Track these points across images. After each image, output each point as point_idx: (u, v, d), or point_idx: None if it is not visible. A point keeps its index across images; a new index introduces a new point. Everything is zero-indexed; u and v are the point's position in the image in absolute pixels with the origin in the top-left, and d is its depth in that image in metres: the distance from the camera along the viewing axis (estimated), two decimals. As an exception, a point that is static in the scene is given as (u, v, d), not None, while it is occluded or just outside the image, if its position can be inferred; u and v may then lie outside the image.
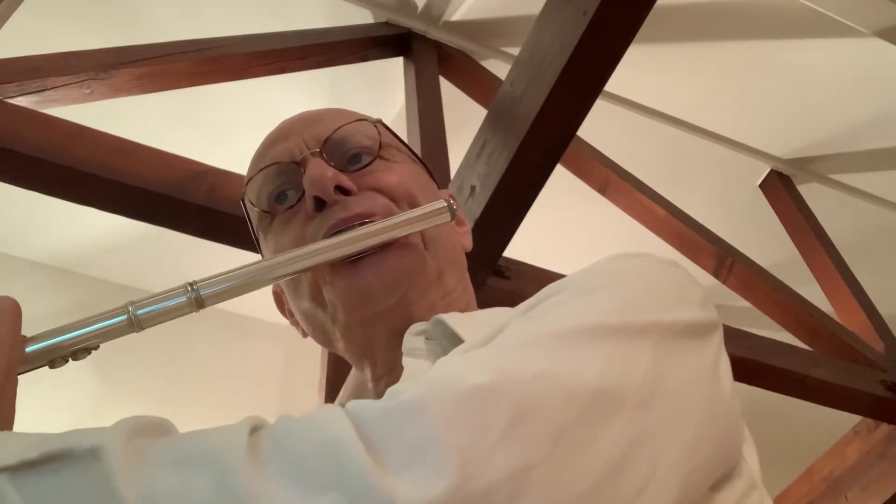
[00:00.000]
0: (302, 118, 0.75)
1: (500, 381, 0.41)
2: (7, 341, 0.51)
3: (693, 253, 2.11)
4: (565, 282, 0.53)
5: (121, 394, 2.66)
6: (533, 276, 1.64)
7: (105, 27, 2.09)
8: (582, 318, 0.47)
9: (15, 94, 1.46)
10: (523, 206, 1.48)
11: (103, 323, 0.57)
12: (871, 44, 2.11)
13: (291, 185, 0.70)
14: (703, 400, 0.49)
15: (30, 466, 0.39)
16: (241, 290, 0.62)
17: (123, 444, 0.40)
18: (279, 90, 2.16)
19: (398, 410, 0.39)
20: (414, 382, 0.42)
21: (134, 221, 1.46)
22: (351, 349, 0.69)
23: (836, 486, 2.07)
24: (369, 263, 0.64)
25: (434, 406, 0.39)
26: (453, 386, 0.40)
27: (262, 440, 0.40)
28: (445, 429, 0.38)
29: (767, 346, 1.85)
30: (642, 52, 1.84)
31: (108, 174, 1.37)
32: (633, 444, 0.42)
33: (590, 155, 2.09)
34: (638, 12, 1.26)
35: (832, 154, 2.58)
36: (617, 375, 0.44)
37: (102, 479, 0.38)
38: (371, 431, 0.39)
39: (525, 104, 1.38)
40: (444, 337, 0.62)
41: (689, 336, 0.51)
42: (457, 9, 2.17)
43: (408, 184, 0.70)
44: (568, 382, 0.42)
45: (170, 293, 0.59)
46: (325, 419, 0.40)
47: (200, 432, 0.41)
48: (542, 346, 0.45)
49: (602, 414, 0.42)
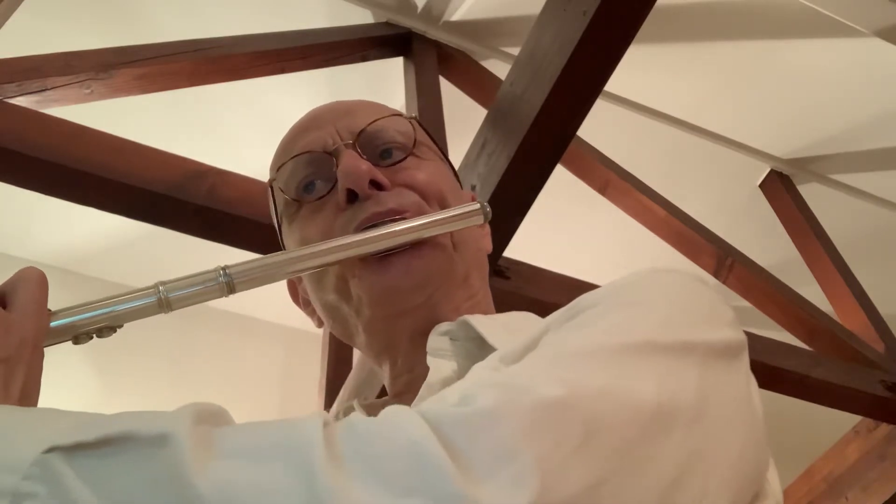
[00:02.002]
0: (334, 108, 0.74)
1: (572, 396, 0.41)
2: (34, 313, 0.51)
3: (693, 253, 2.11)
4: (602, 293, 0.53)
5: (120, 393, 2.67)
6: (533, 276, 1.64)
7: (105, 27, 2.09)
8: (632, 333, 0.48)
9: (15, 94, 1.46)
10: (523, 206, 1.48)
11: (132, 301, 0.57)
12: (871, 44, 2.11)
13: (322, 175, 0.69)
14: (742, 419, 0.49)
15: (86, 448, 0.38)
16: (271, 277, 0.62)
17: (191, 431, 0.38)
18: (279, 90, 2.16)
19: (477, 417, 0.39)
20: (482, 387, 0.41)
21: (134, 221, 1.46)
22: (372, 345, 0.69)
23: (836, 486, 2.07)
24: (400, 260, 0.64)
25: (512, 416, 0.39)
26: (528, 397, 0.40)
27: (339, 437, 0.39)
28: (526, 440, 0.38)
29: (767, 346, 1.85)
30: (642, 52, 1.84)
31: (108, 174, 1.37)
32: (689, 461, 0.43)
33: (590, 155, 2.09)
34: (638, 12, 1.26)
35: (832, 154, 2.58)
36: (671, 393, 0.45)
37: (172, 466, 0.37)
38: (451, 437, 0.38)
39: (525, 104, 1.38)
40: (468, 339, 0.62)
41: (727, 356, 0.51)
42: (457, 9, 2.17)
43: (439, 183, 0.71)
44: (631, 399, 0.43)
45: (201, 275, 0.59)
46: (403, 420, 0.40)
47: (270, 423, 0.41)
48: (598, 360, 0.45)
49: (661, 430, 0.43)
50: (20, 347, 0.49)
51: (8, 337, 0.49)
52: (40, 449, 0.38)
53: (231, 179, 1.47)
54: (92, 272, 2.80)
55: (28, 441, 0.38)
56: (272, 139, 0.77)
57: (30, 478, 0.37)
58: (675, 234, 2.09)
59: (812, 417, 2.26)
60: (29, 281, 0.52)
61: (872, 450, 2.02)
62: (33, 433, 0.39)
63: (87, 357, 2.61)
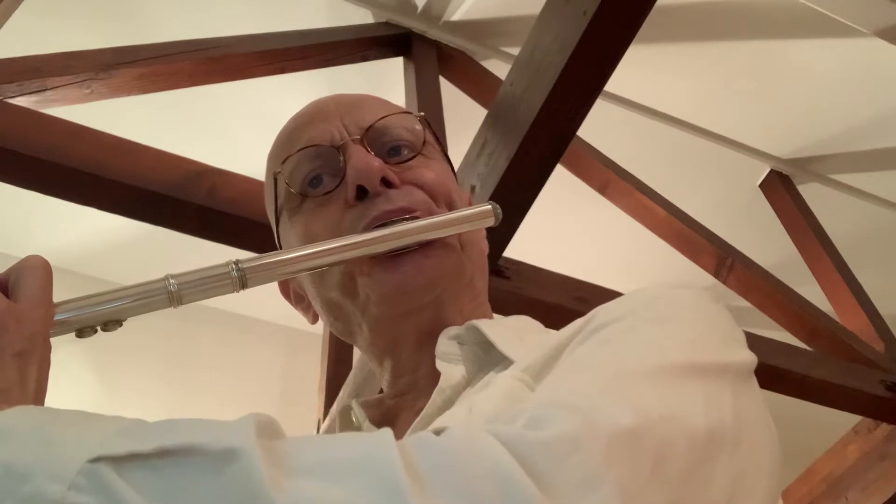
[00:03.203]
0: (340, 100, 0.73)
1: (643, 422, 0.42)
2: (42, 303, 0.49)
3: (693, 253, 2.11)
4: (624, 307, 0.53)
5: (120, 392, 2.66)
6: (533, 276, 1.64)
7: (105, 27, 2.09)
8: (670, 353, 0.48)
9: (15, 94, 1.46)
10: (523, 206, 1.48)
11: (141, 295, 0.54)
12: (871, 44, 2.11)
13: (328, 169, 0.68)
14: (768, 439, 0.50)
15: (141, 459, 0.35)
16: (283, 274, 0.62)
17: (259, 445, 0.36)
18: (279, 90, 2.16)
19: (557, 443, 0.39)
20: (551, 409, 0.41)
21: (134, 221, 1.46)
22: (375, 342, 0.68)
23: (836, 486, 2.07)
24: (413, 259, 0.64)
25: (592, 443, 0.40)
26: (603, 423, 0.41)
27: (415, 454, 0.38)
28: (606, 467, 0.39)
29: (767, 346, 1.85)
30: (642, 52, 1.84)
31: (108, 174, 1.37)
32: (736, 482, 0.44)
33: (590, 155, 2.09)
34: (638, 12, 1.26)
35: (832, 154, 2.58)
36: (716, 415, 0.46)
37: (246, 483, 0.35)
38: (532, 461, 0.38)
39: (525, 104, 1.38)
40: (476, 343, 0.62)
41: (748, 377, 0.52)
42: (457, 9, 2.17)
43: (447, 183, 0.70)
44: (687, 424, 0.44)
45: (212, 269, 0.57)
46: (480, 441, 0.39)
47: (335, 437, 0.40)
48: (656, 383, 0.46)
49: (713, 454, 0.44)
50: (33, 340, 0.47)
51: (21, 329, 0.46)
52: (86, 457, 0.35)
53: (231, 179, 1.47)
54: (92, 272, 2.79)
55: (72, 447, 0.35)
56: (272, 139, 0.77)
57: (76, 488, 0.34)
58: (675, 234, 2.09)
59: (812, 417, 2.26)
60: (35, 269, 0.50)
61: (872, 450, 2.02)
62: (76, 439, 0.36)
63: (86, 354, 2.61)
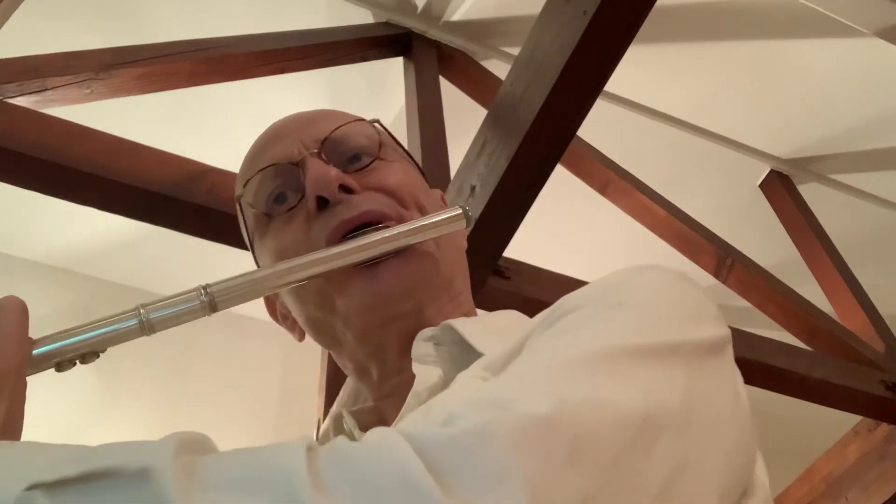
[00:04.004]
0: (297, 118, 0.74)
1: (558, 410, 0.40)
2: (16, 341, 0.51)
3: (693, 253, 2.11)
4: (584, 296, 0.53)
5: (120, 393, 2.66)
6: (533, 276, 1.64)
7: (105, 27, 2.09)
8: (617, 337, 0.47)
9: (15, 94, 1.46)
10: (523, 206, 1.47)
11: (113, 326, 0.56)
12: (871, 44, 2.11)
13: (290, 186, 0.68)
14: (731, 418, 0.49)
15: (68, 484, 0.37)
16: (255, 294, 0.61)
17: (173, 463, 0.38)
18: (279, 90, 2.16)
19: (464, 438, 0.39)
20: (467, 405, 0.41)
21: (134, 221, 1.46)
22: (360, 351, 0.68)
23: (836, 486, 2.07)
24: (390, 267, 0.64)
25: (500, 435, 0.39)
26: (514, 414, 0.40)
27: (323, 464, 0.39)
28: (515, 459, 0.38)
29: (767, 346, 1.85)
30: (642, 52, 1.84)
31: (108, 174, 1.37)
32: (677, 468, 0.43)
33: (590, 155, 2.10)
34: (638, 12, 1.26)
35: (832, 154, 2.59)
36: (658, 399, 0.44)
37: (156, 500, 0.36)
38: (438, 459, 0.38)
39: (525, 104, 1.38)
40: (453, 343, 0.62)
41: (712, 354, 0.51)
42: (457, 9, 2.17)
43: (410, 184, 0.70)
44: (618, 409, 0.42)
45: (182, 296, 0.58)
46: (388, 446, 0.39)
47: (251, 450, 0.40)
48: (583, 369, 0.44)
49: (649, 439, 0.42)
50: (2, 378, 0.48)
51: None
52: (23, 486, 0.37)
53: (231, 179, 1.46)
54: (92, 272, 2.80)
55: (10, 478, 0.38)
56: (272, 139, 0.77)
57: None
58: (675, 233, 2.09)
59: (812, 417, 2.27)
60: (9, 310, 0.52)
61: (872, 450, 2.02)
62: (15, 470, 0.39)
63: (88, 357, 2.61)
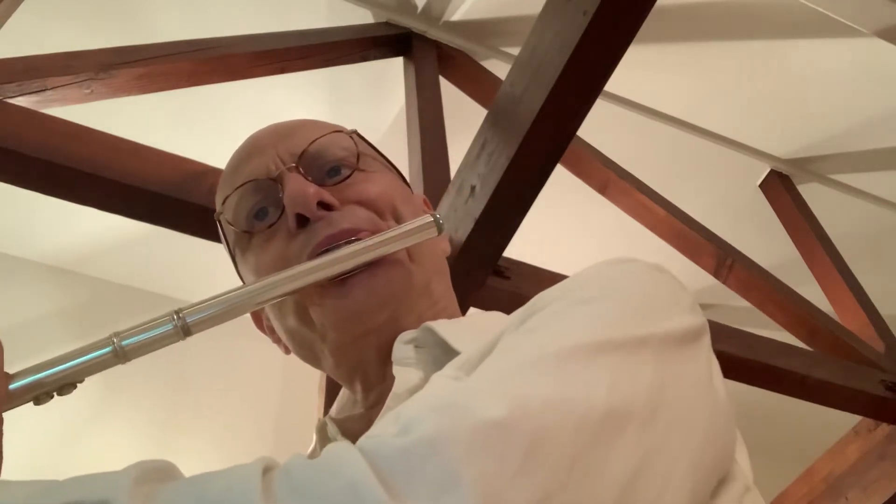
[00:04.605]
0: (274, 131, 0.73)
1: (513, 414, 0.40)
2: None
3: (693, 253, 2.11)
4: (556, 291, 0.53)
5: (120, 394, 2.66)
6: (533, 276, 1.64)
7: (105, 27, 2.09)
8: (583, 333, 0.47)
9: (15, 94, 1.46)
10: (523, 206, 1.47)
11: (88, 356, 0.56)
12: (871, 44, 2.11)
13: (270, 201, 0.68)
14: (703, 408, 0.49)
15: None
16: (228, 315, 0.61)
17: (131, 493, 0.39)
18: (279, 90, 2.16)
19: (415, 447, 0.39)
20: (424, 412, 0.41)
21: (134, 221, 1.46)
22: (340, 365, 0.68)
23: (836, 486, 2.07)
24: (360, 282, 0.63)
25: (451, 442, 0.39)
26: (468, 420, 0.40)
27: (276, 483, 0.40)
28: (465, 466, 0.38)
29: (767, 346, 1.85)
30: (642, 52, 1.84)
31: (108, 174, 1.37)
32: (644, 461, 0.42)
33: (590, 155, 2.09)
34: (638, 12, 1.26)
35: (832, 154, 2.59)
36: (623, 393, 0.44)
37: None
38: (389, 470, 0.38)
39: (525, 104, 1.38)
40: (434, 345, 0.61)
41: (684, 343, 0.51)
42: (457, 9, 2.17)
43: (389, 194, 0.69)
44: (578, 407, 0.42)
45: (155, 322, 0.58)
46: (341, 460, 0.40)
47: (210, 475, 0.41)
48: (546, 368, 0.44)
49: (612, 434, 0.42)
50: None
51: None
52: None
53: (231, 179, 1.47)
54: (92, 272, 2.80)
55: None
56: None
57: None
58: (675, 233, 2.09)
59: (812, 417, 2.27)
60: None
61: (872, 450, 2.01)
62: None
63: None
